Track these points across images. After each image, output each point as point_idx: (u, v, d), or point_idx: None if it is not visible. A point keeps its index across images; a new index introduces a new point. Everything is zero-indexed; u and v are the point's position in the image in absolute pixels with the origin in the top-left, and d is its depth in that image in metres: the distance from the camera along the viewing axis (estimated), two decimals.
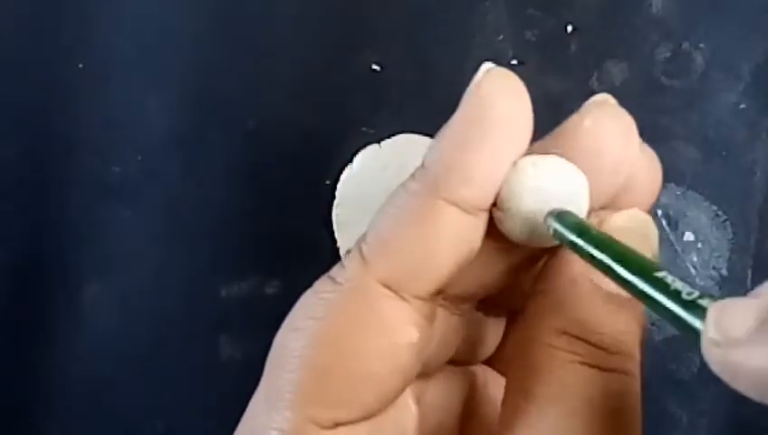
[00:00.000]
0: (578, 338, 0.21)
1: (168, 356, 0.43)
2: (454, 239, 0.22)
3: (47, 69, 0.43)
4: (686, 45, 0.42)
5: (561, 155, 0.23)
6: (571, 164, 0.23)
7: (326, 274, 0.23)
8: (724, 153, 0.41)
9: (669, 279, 0.19)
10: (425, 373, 0.25)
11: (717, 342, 0.17)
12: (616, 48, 0.42)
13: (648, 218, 0.23)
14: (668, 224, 0.41)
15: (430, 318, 0.23)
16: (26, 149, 0.43)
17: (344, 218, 0.41)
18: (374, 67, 0.42)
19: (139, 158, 0.43)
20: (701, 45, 0.42)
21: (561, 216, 0.22)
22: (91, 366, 0.43)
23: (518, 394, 0.22)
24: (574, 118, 0.23)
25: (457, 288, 0.23)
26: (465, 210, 0.22)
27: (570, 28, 0.42)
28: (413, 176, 0.22)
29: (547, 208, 0.22)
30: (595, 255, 0.21)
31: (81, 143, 0.43)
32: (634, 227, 0.22)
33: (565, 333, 0.21)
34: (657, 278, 0.19)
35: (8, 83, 0.44)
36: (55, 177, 0.43)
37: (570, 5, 0.42)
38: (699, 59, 0.42)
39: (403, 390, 0.23)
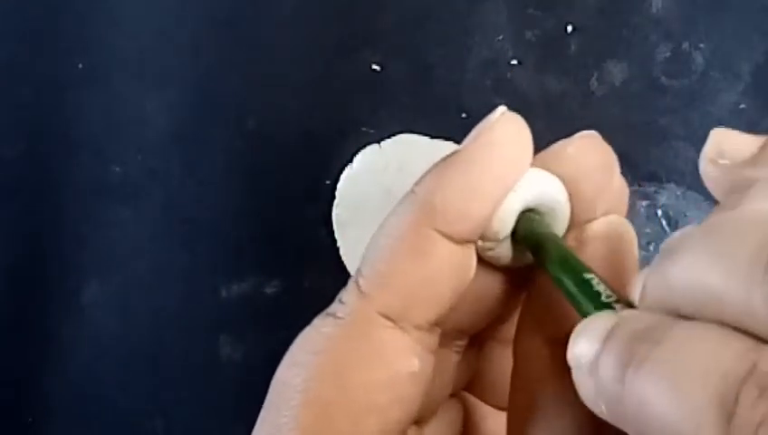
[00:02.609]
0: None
1: (168, 356, 0.43)
2: (449, 270, 0.22)
3: (47, 69, 0.43)
4: (686, 45, 0.42)
5: (540, 168, 0.23)
6: (547, 172, 0.23)
7: (324, 311, 0.23)
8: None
9: (594, 281, 0.20)
10: (426, 411, 0.25)
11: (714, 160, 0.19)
12: (616, 48, 0.42)
13: (626, 222, 0.24)
14: (668, 224, 0.41)
15: (431, 349, 0.23)
16: (26, 150, 0.43)
17: (344, 218, 0.41)
18: (374, 67, 0.42)
19: (139, 158, 0.43)
20: (701, 45, 0.42)
21: (523, 219, 0.23)
22: (91, 366, 0.43)
23: (522, 411, 0.22)
24: (559, 143, 0.24)
25: (453, 322, 0.24)
26: (458, 242, 0.22)
27: (570, 28, 0.42)
28: (406, 203, 0.23)
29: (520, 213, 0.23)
30: (539, 253, 0.22)
31: (81, 143, 0.43)
32: (614, 231, 0.23)
33: (558, 341, 0.21)
34: (584, 279, 0.20)
35: (8, 83, 0.44)
36: (55, 177, 0.43)
37: (570, 5, 0.42)
38: (699, 59, 0.42)
39: (407, 423, 0.23)
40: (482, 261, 0.23)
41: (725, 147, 0.20)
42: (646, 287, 0.19)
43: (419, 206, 0.22)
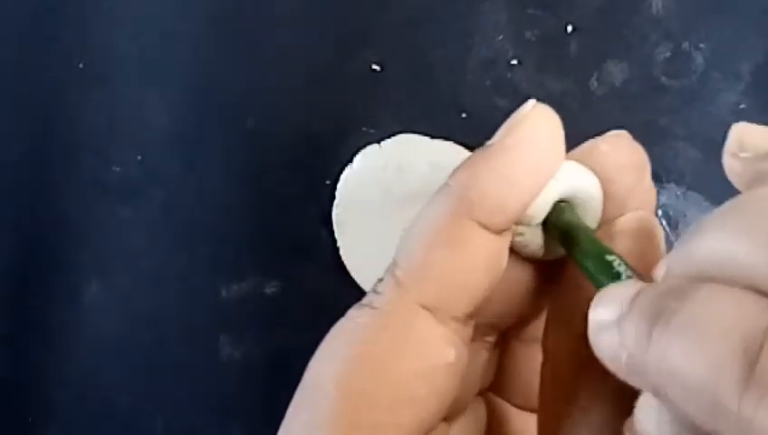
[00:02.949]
0: None
1: (168, 356, 0.43)
2: (486, 260, 0.22)
3: (47, 69, 0.43)
4: (686, 45, 0.42)
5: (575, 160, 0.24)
6: (584, 166, 0.24)
7: (359, 302, 0.23)
8: None
9: (617, 264, 0.21)
10: (456, 406, 0.25)
11: (736, 154, 0.20)
12: (616, 48, 0.42)
13: (654, 219, 0.24)
14: (668, 224, 0.41)
15: (466, 340, 0.23)
16: (26, 150, 0.43)
17: (344, 218, 0.41)
18: (374, 67, 0.42)
19: (139, 158, 0.43)
20: (701, 45, 0.42)
21: (556, 209, 0.23)
22: (91, 366, 0.43)
23: (553, 406, 0.23)
24: (591, 141, 0.24)
25: (485, 315, 0.24)
26: (494, 232, 0.22)
27: (570, 28, 0.42)
28: (441, 195, 0.23)
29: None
30: (568, 242, 0.22)
31: (81, 143, 0.43)
32: (643, 227, 0.24)
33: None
34: (609, 263, 0.21)
35: (8, 83, 0.44)
36: (55, 177, 0.43)
37: (570, 5, 0.42)
38: (699, 59, 0.42)
39: (441, 415, 0.23)
40: (512, 253, 0.24)
41: (746, 140, 0.21)
42: (670, 264, 0.19)
43: (456, 198, 0.22)
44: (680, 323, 0.17)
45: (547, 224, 0.23)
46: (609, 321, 0.19)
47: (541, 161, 0.23)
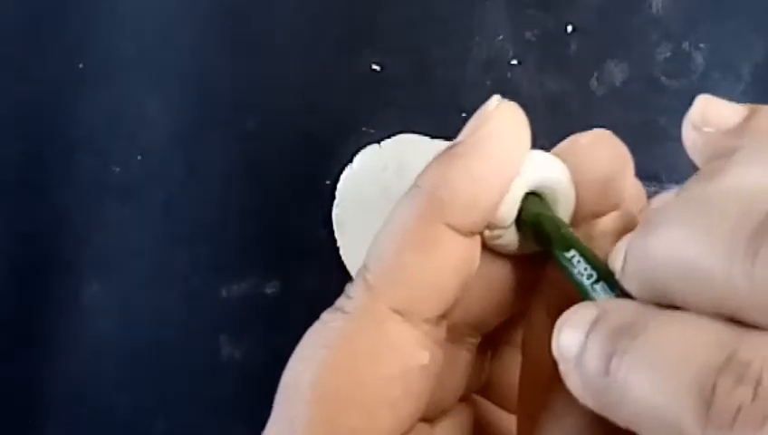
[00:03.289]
0: None
1: (168, 356, 0.43)
2: (456, 262, 0.22)
3: (47, 69, 0.43)
4: (686, 45, 0.42)
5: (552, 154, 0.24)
6: (547, 154, 0.24)
7: (332, 306, 0.23)
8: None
9: (575, 259, 0.21)
10: (437, 408, 0.25)
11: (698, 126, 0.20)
12: (616, 48, 0.42)
13: (638, 218, 0.24)
14: None
15: (439, 343, 0.23)
16: (26, 149, 0.43)
17: (344, 218, 0.41)
18: (374, 67, 0.42)
19: (139, 158, 0.43)
20: (701, 45, 0.42)
21: (526, 203, 0.23)
22: (91, 366, 0.43)
23: (531, 409, 0.23)
24: (573, 136, 0.24)
25: (464, 316, 0.24)
26: (465, 234, 0.22)
27: (570, 28, 0.42)
28: (410, 197, 0.23)
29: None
30: (540, 235, 0.23)
31: (81, 143, 0.43)
32: (624, 227, 0.24)
33: None
34: (568, 257, 0.21)
35: (8, 83, 0.44)
36: (55, 177, 0.43)
37: (570, 5, 0.42)
38: (699, 59, 0.42)
39: (417, 417, 0.23)
40: (489, 252, 0.24)
41: (710, 115, 0.21)
42: (627, 259, 0.19)
43: (425, 199, 0.22)
44: (634, 359, 0.17)
45: (520, 219, 0.23)
46: (572, 351, 0.19)
47: (508, 157, 0.22)
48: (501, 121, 0.23)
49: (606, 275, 0.21)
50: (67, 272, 0.43)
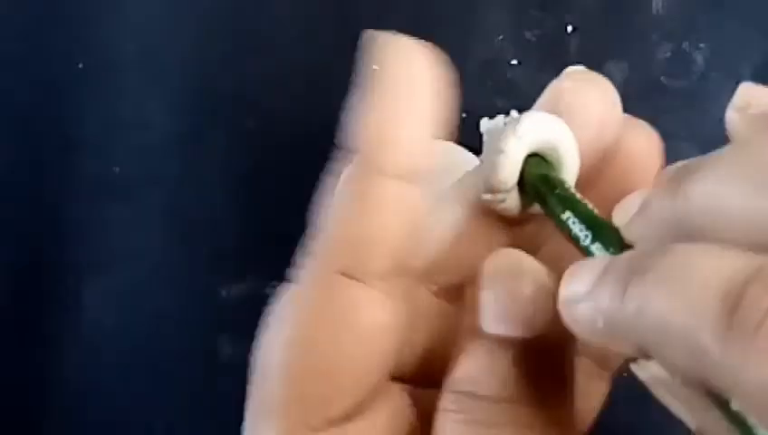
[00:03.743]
0: (463, 393, 0.21)
1: (168, 356, 0.43)
2: (394, 208, 0.22)
3: (47, 69, 0.43)
4: (686, 45, 0.42)
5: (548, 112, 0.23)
6: (549, 114, 0.23)
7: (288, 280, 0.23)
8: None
9: (571, 221, 0.21)
10: (416, 361, 0.24)
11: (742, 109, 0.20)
12: (616, 48, 0.42)
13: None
14: None
15: (402, 296, 0.22)
16: (26, 150, 0.43)
17: None
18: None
19: (139, 158, 0.43)
20: (701, 45, 0.42)
21: (528, 164, 0.23)
22: (91, 366, 0.43)
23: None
24: (553, 83, 0.24)
25: (456, 273, 0.23)
26: (397, 176, 0.22)
27: (570, 28, 0.42)
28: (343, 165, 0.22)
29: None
30: (540, 197, 0.22)
31: (81, 143, 0.43)
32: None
33: (455, 392, 0.21)
34: (564, 218, 0.21)
35: (8, 83, 0.44)
36: (55, 177, 0.43)
37: (570, 5, 0.42)
38: (699, 59, 0.42)
39: (387, 373, 0.23)
40: (493, 215, 0.23)
41: (754, 100, 0.21)
42: (650, 206, 0.19)
43: (348, 154, 0.22)
44: (656, 276, 0.17)
45: (523, 181, 0.23)
46: (582, 292, 0.18)
47: (407, 84, 0.22)
48: (384, 58, 0.23)
49: (604, 234, 0.20)
50: (67, 272, 0.43)
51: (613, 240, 0.20)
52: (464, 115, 0.42)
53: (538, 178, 0.23)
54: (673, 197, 0.18)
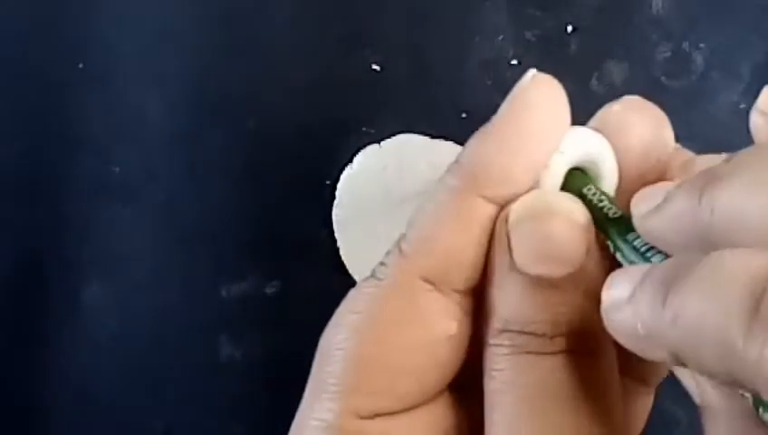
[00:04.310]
0: (516, 332, 0.22)
1: (168, 356, 0.43)
2: (485, 232, 0.23)
3: (47, 69, 0.43)
4: (686, 45, 0.42)
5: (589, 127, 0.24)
6: (592, 131, 0.24)
7: (370, 274, 0.24)
8: (723, 153, 0.41)
9: (631, 235, 0.21)
10: (466, 379, 0.25)
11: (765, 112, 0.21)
12: (616, 48, 0.42)
13: None
14: None
15: (468, 312, 0.23)
16: (26, 149, 0.43)
17: (344, 218, 0.41)
18: (374, 67, 0.42)
19: (139, 158, 0.43)
20: (701, 45, 0.42)
21: (569, 179, 0.23)
22: (91, 366, 0.43)
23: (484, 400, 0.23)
24: (606, 105, 0.25)
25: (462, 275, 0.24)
26: (498, 203, 0.23)
27: (570, 28, 0.42)
28: (450, 172, 0.23)
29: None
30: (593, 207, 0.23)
31: (81, 143, 0.43)
32: None
33: (505, 330, 0.22)
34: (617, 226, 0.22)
35: (8, 83, 0.44)
36: (55, 177, 0.43)
37: (570, 5, 0.42)
38: (699, 59, 0.42)
39: (443, 384, 0.23)
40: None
41: None
42: (672, 207, 0.19)
43: (463, 172, 0.23)
44: (694, 282, 0.17)
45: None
46: (623, 298, 0.19)
47: (542, 128, 0.23)
48: (534, 93, 0.23)
49: (635, 240, 0.21)
50: (67, 272, 0.43)
51: (640, 245, 0.21)
52: (464, 115, 0.42)
53: (577, 192, 0.23)
54: (697, 204, 0.19)
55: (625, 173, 0.24)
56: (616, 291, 0.19)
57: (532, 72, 0.23)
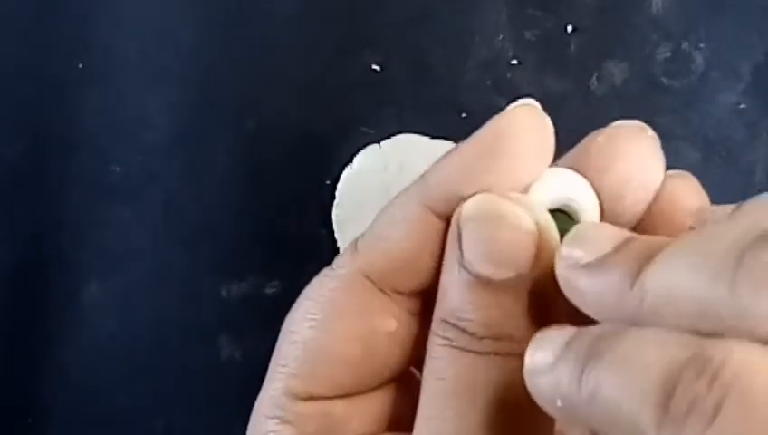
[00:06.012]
0: (450, 324, 0.22)
1: (168, 356, 0.43)
2: (434, 245, 0.23)
3: (47, 69, 0.43)
4: (686, 45, 0.42)
5: (570, 168, 0.23)
6: (572, 172, 0.23)
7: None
8: (723, 153, 0.41)
9: None
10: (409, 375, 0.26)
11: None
12: (616, 48, 0.42)
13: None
14: None
15: (415, 313, 0.24)
16: (26, 149, 0.43)
17: (344, 218, 0.41)
18: (374, 67, 0.42)
19: (139, 158, 0.43)
20: (701, 45, 0.42)
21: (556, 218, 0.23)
22: (91, 366, 0.43)
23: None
24: (591, 135, 0.24)
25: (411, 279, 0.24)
26: (444, 218, 0.23)
27: (570, 28, 0.42)
28: (415, 181, 0.24)
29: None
30: None
31: (81, 143, 0.43)
32: None
33: (443, 320, 0.22)
34: None
35: (8, 83, 0.44)
36: (55, 177, 0.43)
37: (570, 5, 0.42)
38: (699, 59, 0.42)
39: (382, 378, 0.24)
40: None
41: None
42: (608, 271, 0.19)
43: (421, 183, 0.23)
44: (612, 361, 0.17)
45: None
46: (544, 364, 0.19)
47: (502, 159, 0.22)
48: (509, 120, 0.22)
49: None
50: (67, 272, 0.43)
51: None
52: (464, 115, 0.42)
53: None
54: (629, 281, 0.18)
55: (608, 206, 0.23)
56: (539, 355, 0.19)
57: (523, 101, 0.23)
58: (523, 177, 0.22)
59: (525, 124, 0.22)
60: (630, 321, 0.18)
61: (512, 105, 0.23)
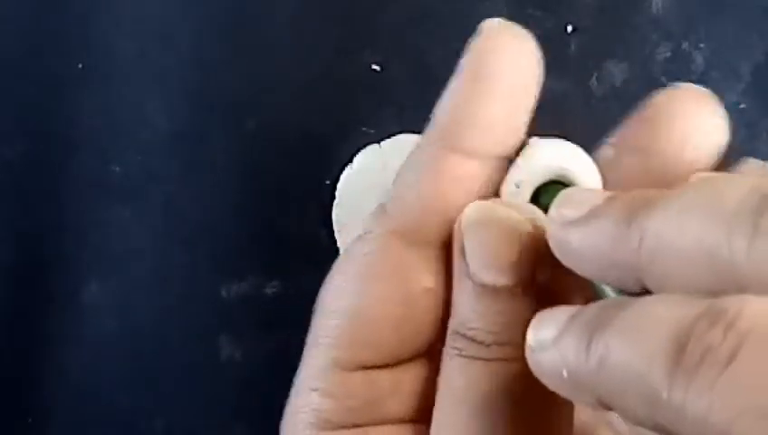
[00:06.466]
0: (459, 334, 0.22)
1: (168, 356, 0.43)
2: (462, 184, 0.23)
3: (47, 69, 0.43)
4: (686, 45, 0.42)
5: (564, 138, 0.23)
6: (561, 140, 0.23)
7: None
8: (723, 153, 0.41)
9: None
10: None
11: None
12: (616, 48, 0.42)
13: None
14: None
15: (448, 268, 0.23)
16: (26, 149, 0.43)
17: (344, 218, 0.41)
18: (374, 67, 0.42)
19: (139, 158, 0.43)
20: (701, 45, 0.42)
21: (544, 193, 0.23)
22: (91, 366, 0.43)
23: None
24: (655, 93, 0.25)
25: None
26: (471, 156, 0.23)
27: (570, 28, 0.42)
28: (427, 130, 0.24)
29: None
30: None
31: (81, 143, 0.43)
32: None
33: (454, 332, 0.22)
34: None
35: (9, 83, 0.44)
36: (55, 177, 0.43)
37: (570, 5, 0.42)
38: (699, 59, 0.42)
39: (423, 339, 0.24)
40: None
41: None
42: (600, 225, 0.19)
43: (431, 126, 0.23)
44: (619, 327, 0.17)
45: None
46: (548, 339, 0.19)
47: (501, 74, 0.23)
48: (489, 42, 0.23)
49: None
50: (67, 272, 0.43)
51: None
52: None
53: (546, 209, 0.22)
54: (624, 224, 0.18)
55: (667, 167, 0.23)
56: (541, 332, 0.19)
57: (488, 21, 0.23)
58: (524, 86, 0.22)
59: (506, 37, 0.23)
60: (630, 270, 0.18)
61: (482, 26, 0.23)
